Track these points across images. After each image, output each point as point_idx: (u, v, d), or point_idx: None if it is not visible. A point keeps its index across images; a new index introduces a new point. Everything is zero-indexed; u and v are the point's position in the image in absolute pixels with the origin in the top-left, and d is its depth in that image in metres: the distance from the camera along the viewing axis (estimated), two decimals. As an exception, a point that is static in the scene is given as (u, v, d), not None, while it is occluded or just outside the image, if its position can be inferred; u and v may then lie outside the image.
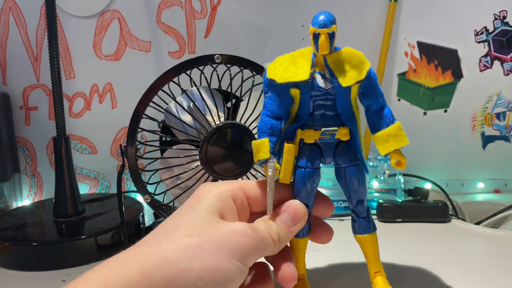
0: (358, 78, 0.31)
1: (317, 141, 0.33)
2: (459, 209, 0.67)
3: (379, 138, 0.33)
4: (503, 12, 0.67)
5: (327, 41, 0.31)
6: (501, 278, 0.40)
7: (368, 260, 0.35)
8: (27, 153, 0.68)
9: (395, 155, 0.32)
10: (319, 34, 0.31)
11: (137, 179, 0.44)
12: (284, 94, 0.32)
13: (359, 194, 0.34)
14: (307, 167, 0.33)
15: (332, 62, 0.31)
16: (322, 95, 0.32)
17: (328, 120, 0.33)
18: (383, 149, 0.33)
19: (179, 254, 0.27)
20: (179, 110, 0.44)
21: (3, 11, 0.64)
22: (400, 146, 0.32)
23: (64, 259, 0.47)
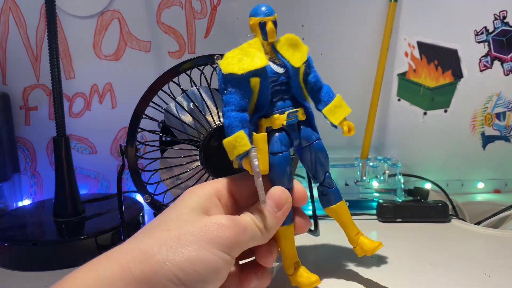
0: (303, 59, 0.35)
1: (284, 125, 0.34)
2: (459, 209, 0.67)
3: (328, 111, 0.37)
4: (503, 12, 0.67)
5: (274, 28, 0.34)
6: (501, 278, 0.40)
7: (346, 227, 0.38)
8: (27, 153, 0.68)
9: (345, 122, 0.37)
10: (265, 22, 0.33)
11: (137, 179, 0.44)
12: (244, 86, 0.33)
13: (325, 167, 0.37)
14: (282, 151, 0.34)
15: (280, 48, 0.34)
16: (277, 80, 0.34)
17: (287, 104, 0.35)
18: (335, 120, 0.37)
19: (157, 247, 0.27)
20: (179, 110, 0.44)
21: (3, 11, 0.64)
22: (346, 115, 0.38)
23: (64, 259, 0.47)
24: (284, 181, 0.34)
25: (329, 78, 0.70)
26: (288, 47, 0.35)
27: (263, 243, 0.32)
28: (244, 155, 0.31)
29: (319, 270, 0.42)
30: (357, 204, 0.61)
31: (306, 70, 0.36)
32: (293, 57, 0.34)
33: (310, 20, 0.67)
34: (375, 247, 0.37)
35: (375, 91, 0.66)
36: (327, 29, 0.67)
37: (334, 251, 0.47)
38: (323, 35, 0.68)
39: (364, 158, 0.66)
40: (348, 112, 0.38)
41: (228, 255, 0.29)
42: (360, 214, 0.59)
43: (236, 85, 0.32)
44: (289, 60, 0.34)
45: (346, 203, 0.38)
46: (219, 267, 0.28)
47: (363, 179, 0.65)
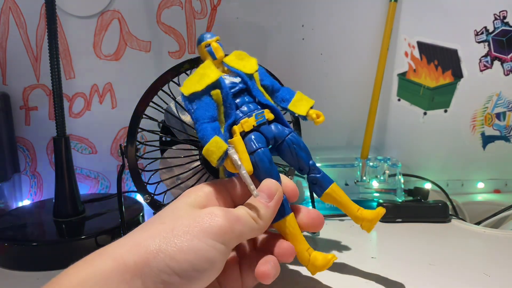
0: (254, 67, 0.38)
1: (255, 126, 0.36)
2: (459, 209, 0.67)
3: (293, 105, 0.40)
4: (503, 12, 0.67)
5: (219, 47, 0.38)
6: (501, 278, 0.40)
7: (346, 206, 0.39)
8: (27, 153, 0.68)
9: (311, 111, 0.40)
10: (209, 44, 0.38)
11: (137, 179, 0.44)
12: (207, 99, 0.35)
13: (308, 154, 0.38)
14: (259, 148, 0.35)
15: (229, 62, 0.38)
16: (237, 89, 0.37)
17: (253, 107, 0.37)
18: (301, 111, 0.40)
19: (151, 239, 0.28)
20: (179, 110, 0.44)
21: (3, 11, 0.64)
22: (311, 105, 0.40)
23: (64, 259, 0.46)
24: (272, 174, 0.35)
25: (329, 78, 0.71)
26: (238, 60, 0.38)
27: (260, 233, 0.33)
28: (224, 156, 0.33)
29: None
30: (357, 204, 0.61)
31: (261, 77, 0.39)
32: (244, 67, 0.38)
33: (310, 20, 0.67)
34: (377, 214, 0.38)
35: (375, 91, 0.66)
36: (327, 29, 0.68)
37: (334, 251, 0.47)
38: (323, 35, 0.68)
39: (364, 158, 0.66)
40: (312, 103, 0.40)
41: (222, 244, 0.29)
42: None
43: (200, 101, 0.35)
44: (241, 69, 0.38)
45: None
46: (212, 257, 0.28)
47: (363, 179, 0.65)
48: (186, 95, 0.35)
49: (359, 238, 0.51)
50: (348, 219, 0.58)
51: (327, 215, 0.59)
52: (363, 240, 0.51)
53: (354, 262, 0.44)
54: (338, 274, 0.41)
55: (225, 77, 0.37)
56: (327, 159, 0.67)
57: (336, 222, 0.57)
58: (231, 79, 0.37)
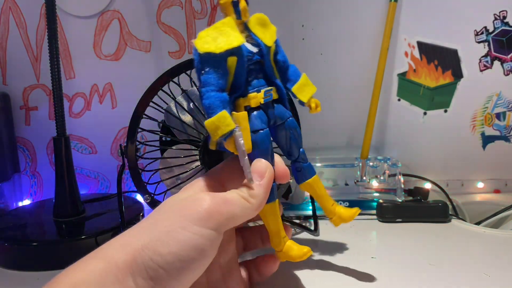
0: (274, 38, 0.35)
1: (262, 103, 0.34)
2: (459, 209, 0.67)
3: (297, 89, 0.38)
4: (503, 12, 0.67)
5: (247, 6, 0.34)
6: (501, 278, 0.40)
7: (322, 199, 0.38)
8: (27, 153, 0.68)
9: (312, 100, 0.38)
10: (238, 0, 0.33)
11: (137, 179, 0.44)
12: (222, 66, 0.32)
13: (299, 143, 0.37)
14: (263, 128, 0.34)
15: (252, 27, 0.34)
16: (252, 59, 0.34)
17: (262, 82, 0.35)
18: (303, 97, 0.38)
19: (137, 235, 0.28)
20: (179, 110, 0.44)
21: (3, 11, 0.64)
22: (313, 93, 0.38)
23: (64, 259, 0.46)
24: (268, 157, 0.34)
25: (329, 78, 0.71)
26: (260, 27, 0.35)
27: (253, 214, 0.31)
28: (228, 135, 0.31)
29: (319, 270, 0.42)
30: (357, 204, 0.61)
31: (276, 49, 0.36)
32: (265, 36, 0.34)
33: (310, 20, 0.67)
34: (353, 214, 0.38)
35: (375, 91, 0.66)
36: (327, 29, 0.67)
37: (334, 251, 0.47)
38: (323, 35, 0.68)
39: (364, 158, 0.66)
40: (314, 90, 0.39)
41: (210, 229, 0.28)
42: (360, 214, 0.59)
43: (214, 65, 0.32)
44: (262, 39, 0.34)
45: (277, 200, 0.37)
46: (198, 245, 0.27)
47: (363, 179, 0.65)
48: (200, 52, 0.31)
49: (359, 238, 0.51)
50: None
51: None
52: (363, 240, 0.51)
53: (354, 262, 0.44)
54: (338, 274, 0.41)
55: (245, 43, 0.33)
56: (327, 159, 0.67)
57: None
58: (250, 47, 0.33)
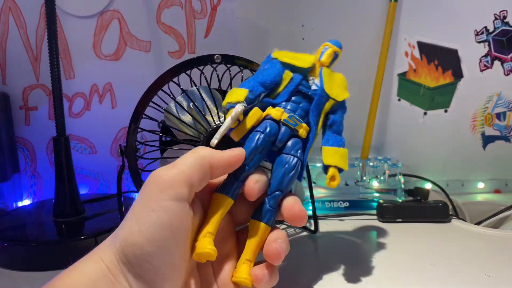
0: (337, 97, 0.37)
1: (281, 121, 0.35)
2: (459, 209, 0.67)
3: (329, 150, 0.36)
4: (503, 12, 0.67)
5: (332, 55, 0.38)
6: (501, 278, 0.40)
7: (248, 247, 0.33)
8: (27, 153, 0.68)
9: (334, 170, 0.35)
10: (328, 47, 0.38)
11: (137, 179, 0.44)
12: (279, 70, 0.36)
13: (283, 183, 0.33)
14: (264, 132, 0.34)
15: (325, 74, 0.37)
16: (304, 90, 0.36)
17: (298, 113, 0.36)
18: (328, 160, 0.35)
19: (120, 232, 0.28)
20: (179, 110, 0.44)
21: (3, 11, 0.64)
22: (341, 165, 0.35)
23: (64, 259, 0.46)
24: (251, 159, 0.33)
25: (329, 78, 0.71)
26: (333, 80, 0.37)
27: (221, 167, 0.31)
28: (233, 105, 0.33)
29: (319, 270, 0.42)
30: (357, 204, 0.61)
31: (334, 108, 0.37)
32: (328, 85, 0.36)
33: (310, 20, 0.67)
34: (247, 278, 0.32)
35: (375, 91, 0.66)
36: (327, 29, 0.68)
37: (334, 251, 0.47)
38: (323, 35, 0.68)
39: (364, 158, 0.66)
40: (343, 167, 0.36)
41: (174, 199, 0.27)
42: (360, 214, 0.59)
43: (272, 66, 0.36)
44: (325, 84, 0.36)
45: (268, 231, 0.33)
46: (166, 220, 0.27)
47: (363, 179, 0.65)
48: (272, 56, 0.36)
49: (359, 238, 0.51)
50: (348, 219, 0.58)
51: (327, 215, 0.59)
52: (363, 240, 0.51)
53: (354, 262, 0.44)
54: (338, 274, 0.41)
55: (310, 77, 0.37)
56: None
57: (336, 222, 0.57)
58: (312, 83, 0.36)
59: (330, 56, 0.37)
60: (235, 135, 0.34)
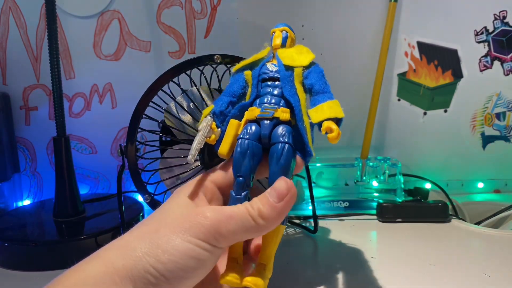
0: (301, 63, 0.35)
1: (257, 117, 0.34)
2: (459, 209, 0.67)
3: (314, 110, 0.33)
4: (503, 12, 0.67)
5: (280, 36, 0.37)
6: (501, 278, 0.40)
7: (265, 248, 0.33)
8: (27, 153, 0.68)
9: (327, 123, 0.31)
10: (274, 31, 0.38)
11: (137, 179, 0.44)
12: (240, 77, 0.36)
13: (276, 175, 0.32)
14: (243, 137, 0.33)
15: (282, 53, 0.36)
16: (268, 78, 0.35)
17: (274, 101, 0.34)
18: (316, 117, 0.32)
19: (137, 241, 0.28)
20: (179, 110, 0.44)
21: (3, 11, 0.64)
22: (333, 116, 0.32)
23: (64, 259, 0.47)
24: (237, 167, 0.33)
25: (329, 78, 0.70)
26: (292, 53, 0.36)
27: (259, 235, 0.30)
28: None
29: (319, 270, 0.42)
30: (357, 204, 0.61)
31: (305, 74, 0.35)
32: (288, 58, 0.36)
33: (310, 20, 0.67)
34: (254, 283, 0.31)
35: (375, 91, 0.66)
36: (327, 29, 0.67)
37: (334, 251, 0.47)
38: (323, 35, 0.68)
39: (364, 158, 0.66)
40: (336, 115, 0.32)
41: (209, 244, 0.28)
42: (360, 214, 0.59)
43: (233, 77, 0.37)
44: (283, 60, 0.36)
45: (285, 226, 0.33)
46: (199, 256, 0.28)
47: (363, 179, 0.65)
48: (232, 70, 0.37)
49: (359, 238, 0.51)
50: (348, 219, 0.58)
51: (327, 215, 0.59)
52: (363, 240, 0.51)
53: (354, 262, 0.44)
54: (338, 274, 0.41)
55: (268, 64, 0.36)
56: (327, 159, 0.67)
57: (336, 222, 0.57)
58: (271, 66, 0.36)
59: (278, 37, 0.37)
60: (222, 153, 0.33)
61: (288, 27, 0.38)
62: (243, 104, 0.35)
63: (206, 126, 0.33)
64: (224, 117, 0.35)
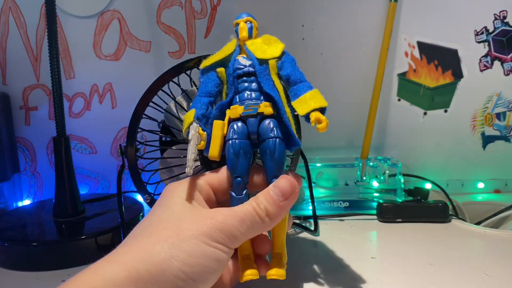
0: (273, 55, 0.35)
1: (242, 115, 0.34)
2: (459, 209, 0.67)
3: (297, 102, 0.34)
4: (503, 12, 0.67)
5: (245, 27, 0.37)
6: (501, 278, 0.40)
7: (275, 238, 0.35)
8: (27, 153, 0.68)
9: (315, 114, 0.33)
10: (238, 23, 0.37)
11: (137, 179, 0.44)
12: (212, 75, 0.36)
13: (278, 168, 0.33)
14: (233, 138, 0.34)
15: (251, 45, 0.36)
16: (244, 73, 0.35)
17: (252, 96, 0.35)
18: (302, 109, 0.33)
19: (159, 246, 0.28)
20: (179, 110, 0.44)
21: (3, 11, 0.64)
22: (319, 106, 0.33)
23: (64, 259, 0.47)
24: (234, 169, 0.33)
25: (329, 78, 0.71)
26: (260, 44, 0.36)
27: (266, 230, 0.32)
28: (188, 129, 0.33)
29: (319, 270, 0.42)
30: (357, 204, 0.61)
31: (279, 66, 0.36)
32: (260, 51, 0.36)
33: (310, 20, 0.67)
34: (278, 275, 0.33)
35: (375, 91, 0.66)
36: (327, 29, 0.67)
37: (334, 251, 0.47)
38: (323, 35, 0.68)
39: (364, 158, 0.66)
40: (321, 105, 0.33)
41: (226, 246, 0.30)
42: (360, 214, 0.59)
43: (205, 75, 0.36)
44: (254, 53, 0.36)
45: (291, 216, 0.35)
46: (220, 258, 0.29)
47: (363, 179, 0.65)
48: (200, 68, 0.36)
49: (359, 238, 0.51)
50: (348, 219, 0.58)
51: (327, 215, 0.59)
52: (363, 240, 0.51)
53: (354, 262, 0.44)
54: (338, 274, 0.41)
55: (239, 58, 0.36)
56: (327, 159, 0.67)
57: (336, 222, 0.57)
58: (243, 61, 0.36)
59: (244, 29, 0.37)
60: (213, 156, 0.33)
61: (251, 16, 0.38)
62: (222, 103, 0.35)
63: (195, 134, 0.32)
64: (207, 119, 0.35)
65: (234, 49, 0.37)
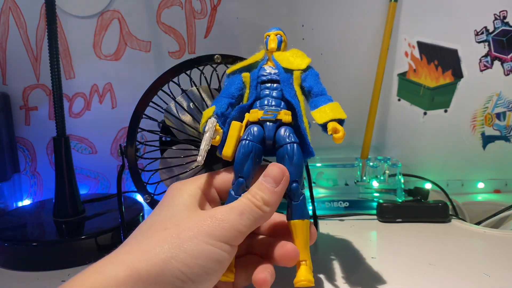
0: (299, 67, 0.37)
1: (260, 119, 0.35)
2: (459, 209, 0.67)
3: (317, 111, 0.35)
4: (503, 12, 0.67)
5: (275, 39, 0.38)
6: (501, 278, 0.40)
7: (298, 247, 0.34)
8: (27, 153, 0.68)
9: (332, 124, 0.33)
10: (269, 35, 0.39)
11: (137, 179, 0.44)
12: (237, 78, 0.37)
13: (297, 173, 0.34)
14: (247, 139, 0.34)
15: (278, 56, 0.38)
16: (268, 80, 0.36)
17: (274, 103, 0.36)
18: (321, 118, 0.34)
19: (159, 246, 0.28)
20: (179, 110, 0.44)
21: (3, 11, 0.64)
22: (336, 116, 0.34)
23: (64, 259, 0.47)
24: (240, 168, 0.34)
25: (329, 78, 0.71)
26: (287, 57, 0.38)
27: (266, 220, 0.33)
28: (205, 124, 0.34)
29: (319, 270, 0.42)
30: (357, 204, 0.61)
31: (303, 77, 0.37)
32: (286, 61, 0.37)
33: (310, 20, 0.67)
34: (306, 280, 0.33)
35: (375, 91, 0.66)
36: (327, 29, 0.67)
37: (334, 251, 0.47)
38: (323, 35, 0.68)
39: (364, 158, 0.66)
40: (340, 117, 0.34)
41: (228, 244, 0.30)
42: (360, 214, 0.59)
43: (230, 78, 0.37)
44: (281, 63, 0.37)
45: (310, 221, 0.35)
46: (221, 258, 0.29)
47: (363, 179, 0.65)
48: (227, 72, 0.38)
49: (359, 238, 0.51)
50: (348, 219, 0.58)
51: (327, 215, 0.59)
52: (363, 240, 0.51)
53: (354, 262, 0.44)
54: (338, 274, 0.41)
55: (266, 66, 0.37)
56: (327, 159, 0.67)
57: (336, 222, 0.57)
58: (269, 69, 0.37)
59: (273, 41, 0.38)
60: (226, 155, 0.34)
61: (281, 31, 0.39)
62: (242, 106, 0.36)
63: (212, 127, 0.33)
64: (225, 119, 0.36)
65: (262, 58, 0.38)
